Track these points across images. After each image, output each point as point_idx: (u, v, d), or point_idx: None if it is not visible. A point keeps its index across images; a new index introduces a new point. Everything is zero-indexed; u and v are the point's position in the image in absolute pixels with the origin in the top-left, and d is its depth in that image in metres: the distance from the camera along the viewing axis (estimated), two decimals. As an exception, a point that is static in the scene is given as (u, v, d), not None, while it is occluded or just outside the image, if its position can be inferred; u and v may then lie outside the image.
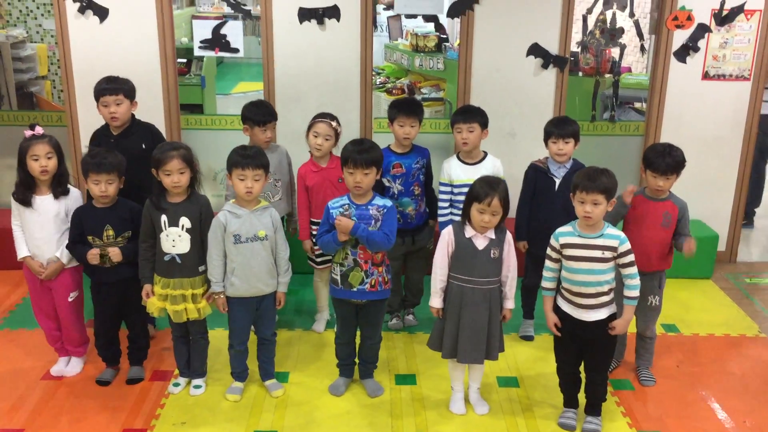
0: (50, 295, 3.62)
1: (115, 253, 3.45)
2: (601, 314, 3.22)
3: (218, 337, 3.83)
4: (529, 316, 4.23)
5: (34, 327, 3.88)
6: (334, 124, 3.94)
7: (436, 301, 3.36)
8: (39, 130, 3.48)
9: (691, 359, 4.03)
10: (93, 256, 3.43)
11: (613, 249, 3.15)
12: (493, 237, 3.26)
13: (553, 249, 3.26)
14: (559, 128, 3.86)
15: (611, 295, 3.22)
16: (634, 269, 3.19)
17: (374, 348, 3.63)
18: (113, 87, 3.83)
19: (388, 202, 3.44)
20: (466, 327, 3.29)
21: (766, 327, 4.42)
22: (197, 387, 3.62)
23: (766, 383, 3.82)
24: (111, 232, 3.44)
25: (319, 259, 4.04)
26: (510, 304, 3.35)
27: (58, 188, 3.51)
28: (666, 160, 3.43)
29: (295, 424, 3.37)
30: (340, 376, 3.68)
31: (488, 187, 3.18)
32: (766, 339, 4.28)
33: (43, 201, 3.50)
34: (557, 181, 3.90)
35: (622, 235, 3.19)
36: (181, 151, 3.36)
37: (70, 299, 3.62)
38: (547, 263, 3.30)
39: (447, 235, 3.31)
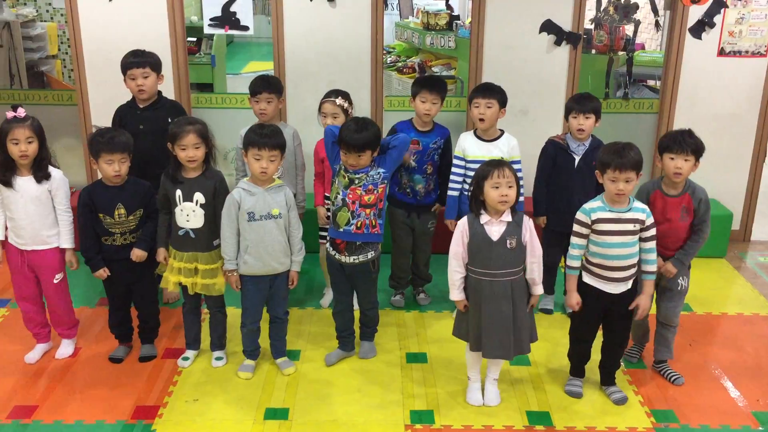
0: (32, 277, 3.58)
1: (138, 256, 3.48)
2: (628, 285, 3.26)
3: (231, 315, 3.83)
4: (550, 291, 4.24)
5: (48, 305, 3.89)
6: (338, 101, 3.92)
7: (455, 294, 3.26)
8: (21, 112, 3.38)
9: (704, 338, 4.01)
10: (100, 276, 3.51)
11: (641, 222, 3.17)
12: (510, 220, 3.14)
13: (584, 225, 3.22)
14: (580, 104, 3.85)
15: (636, 267, 3.26)
16: (653, 244, 3.22)
17: (370, 315, 3.69)
18: (140, 60, 3.89)
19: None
20: (487, 322, 3.20)
21: (780, 306, 4.40)
22: (219, 359, 3.66)
23: (779, 362, 3.80)
24: (122, 210, 3.44)
25: (325, 233, 4.02)
26: (538, 290, 3.25)
27: (39, 172, 3.43)
28: (686, 140, 3.34)
29: (306, 402, 3.38)
30: (338, 348, 3.73)
31: (495, 163, 3.13)
32: (779, 318, 4.26)
33: (25, 182, 3.43)
34: (577, 159, 3.88)
35: (647, 208, 3.21)
36: (197, 126, 3.38)
37: (55, 281, 3.58)
38: (575, 240, 3.25)
39: (462, 226, 3.21)
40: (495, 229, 3.13)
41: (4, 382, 3.49)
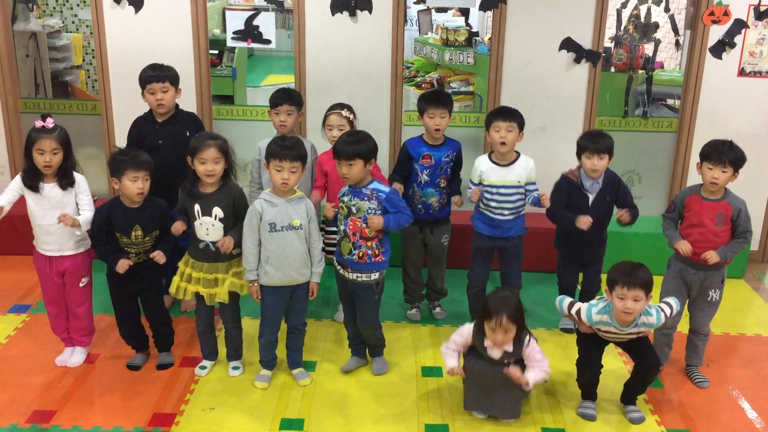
0: (60, 283, 3.61)
1: (160, 257, 3.48)
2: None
3: (249, 325, 3.86)
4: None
5: (68, 311, 3.93)
6: (344, 113, 3.94)
7: (451, 362, 3.33)
8: (50, 122, 3.41)
9: (722, 359, 3.98)
10: (122, 266, 3.43)
11: (644, 332, 3.26)
12: (510, 350, 3.21)
13: (581, 322, 3.30)
14: (593, 143, 3.74)
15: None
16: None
17: (371, 335, 3.67)
18: (159, 74, 3.92)
19: (385, 189, 3.46)
20: (480, 388, 3.33)
21: (799, 328, 4.36)
22: (236, 368, 3.68)
23: (798, 385, 3.77)
24: (139, 232, 3.46)
25: (329, 248, 4.04)
26: (530, 375, 3.21)
27: (63, 180, 3.47)
28: (726, 152, 3.44)
29: (321, 413, 3.39)
30: (351, 356, 3.75)
31: (499, 303, 3.17)
32: (798, 340, 4.22)
33: (51, 190, 3.47)
34: (591, 197, 3.83)
35: (660, 315, 3.22)
36: (218, 141, 3.42)
37: (81, 284, 3.63)
38: (566, 319, 3.39)
39: (465, 334, 3.30)
40: (495, 353, 3.24)
41: (24, 387, 3.53)
